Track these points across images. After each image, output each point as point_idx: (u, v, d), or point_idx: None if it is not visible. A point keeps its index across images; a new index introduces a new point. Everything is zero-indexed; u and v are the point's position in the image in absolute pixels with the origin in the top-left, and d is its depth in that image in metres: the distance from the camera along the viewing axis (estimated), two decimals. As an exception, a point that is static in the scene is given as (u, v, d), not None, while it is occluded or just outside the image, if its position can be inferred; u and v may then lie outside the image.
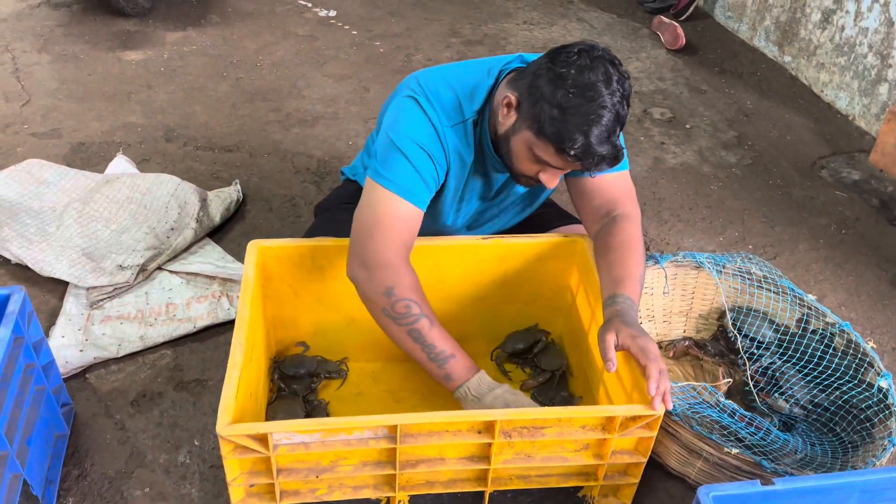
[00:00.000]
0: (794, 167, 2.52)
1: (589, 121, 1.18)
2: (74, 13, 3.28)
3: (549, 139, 1.22)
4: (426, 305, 1.29)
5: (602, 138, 1.19)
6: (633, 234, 1.39)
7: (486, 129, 1.38)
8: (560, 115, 1.19)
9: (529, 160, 1.29)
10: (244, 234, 2.11)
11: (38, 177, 2.07)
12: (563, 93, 1.19)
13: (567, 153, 1.20)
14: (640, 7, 3.65)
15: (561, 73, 1.20)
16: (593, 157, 1.21)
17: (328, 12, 3.43)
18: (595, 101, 1.18)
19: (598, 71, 1.19)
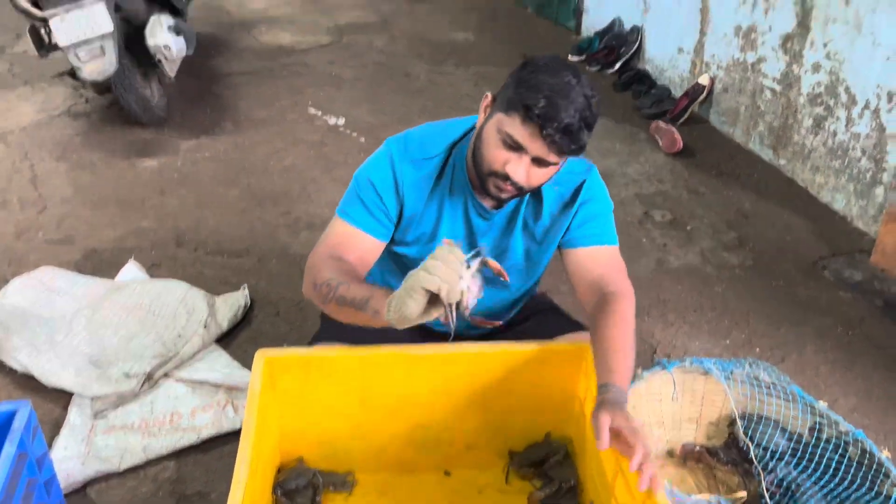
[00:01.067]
0: (796, 267, 2.54)
1: (555, 86, 1.23)
2: (93, 122, 3.41)
3: (515, 106, 1.25)
4: (342, 274, 1.33)
5: (567, 107, 1.22)
6: (627, 315, 1.41)
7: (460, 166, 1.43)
8: (526, 83, 1.25)
9: (497, 145, 1.30)
10: (251, 340, 2.12)
11: (50, 284, 2.10)
12: (529, 69, 1.27)
13: (531, 115, 1.23)
14: (637, 112, 3.79)
15: (528, 65, 1.29)
16: (558, 121, 1.22)
17: (337, 120, 3.56)
18: (561, 77, 1.25)
19: (565, 66, 1.29)
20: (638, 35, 4.17)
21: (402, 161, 1.42)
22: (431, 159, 1.43)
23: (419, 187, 1.44)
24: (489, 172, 1.33)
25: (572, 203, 1.48)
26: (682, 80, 3.81)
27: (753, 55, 3.26)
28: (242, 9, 5.43)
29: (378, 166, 1.43)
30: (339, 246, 1.42)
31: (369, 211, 1.43)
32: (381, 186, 1.42)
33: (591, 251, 1.48)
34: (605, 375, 1.32)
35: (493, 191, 1.35)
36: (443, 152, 1.43)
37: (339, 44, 4.71)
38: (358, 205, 1.43)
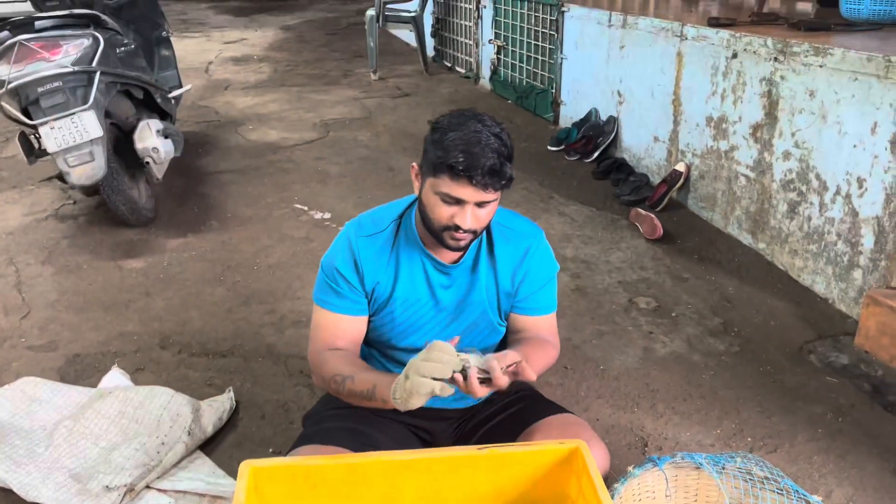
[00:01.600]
0: (783, 353, 2.55)
1: (467, 138, 1.37)
2: (80, 224, 3.44)
3: (441, 169, 1.38)
4: (347, 367, 1.50)
5: (484, 152, 1.36)
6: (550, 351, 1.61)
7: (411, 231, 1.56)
8: (441, 146, 1.39)
9: (439, 205, 1.43)
10: (236, 445, 2.08)
11: (32, 395, 2.07)
12: (440, 131, 1.41)
13: (457, 171, 1.36)
14: (617, 199, 3.87)
15: (438, 123, 1.45)
16: (480, 167, 1.36)
17: (323, 215, 3.62)
18: (469, 127, 1.39)
19: (465, 115, 1.43)
20: (614, 125, 4.31)
21: (358, 238, 1.56)
22: (383, 231, 1.57)
23: (376, 258, 1.56)
24: (441, 229, 1.46)
25: (520, 264, 1.62)
26: (659, 167, 3.92)
27: (726, 143, 3.38)
28: (230, 108, 5.59)
29: (339, 251, 1.58)
30: (330, 336, 1.57)
31: (342, 296, 1.56)
32: (344, 270, 1.56)
33: (534, 319, 1.65)
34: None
35: (452, 243, 1.48)
36: (392, 222, 1.58)
37: (325, 139, 4.83)
38: (331, 293, 1.57)
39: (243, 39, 9.09)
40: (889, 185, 2.52)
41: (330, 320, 1.58)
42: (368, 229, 1.58)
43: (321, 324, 1.59)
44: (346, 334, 1.58)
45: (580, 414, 2.20)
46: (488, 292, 1.63)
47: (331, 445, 1.54)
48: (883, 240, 2.57)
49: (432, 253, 1.57)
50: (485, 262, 1.62)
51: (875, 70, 2.51)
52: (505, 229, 1.63)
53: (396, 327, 1.62)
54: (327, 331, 1.58)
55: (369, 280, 1.57)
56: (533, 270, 1.64)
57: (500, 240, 1.62)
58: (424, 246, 1.56)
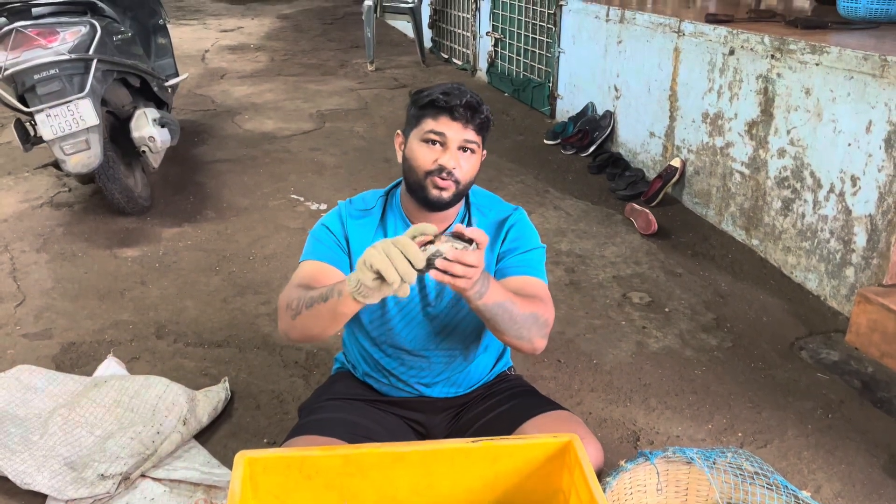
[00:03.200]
0: (774, 349, 2.57)
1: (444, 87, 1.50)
2: (76, 212, 3.43)
3: (422, 113, 1.50)
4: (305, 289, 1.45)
5: (461, 91, 1.48)
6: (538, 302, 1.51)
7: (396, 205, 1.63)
8: (420, 95, 1.52)
9: (424, 151, 1.49)
10: (231, 435, 2.09)
11: (27, 383, 2.07)
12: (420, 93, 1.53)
13: (437, 104, 1.47)
14: (612, 194, 3.89)
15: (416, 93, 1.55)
16: (459, 101, 1.46)
17: (319, 206, 3.62)
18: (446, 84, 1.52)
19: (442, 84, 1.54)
20: (610, 120, 4.32)
21: (348, 214, 1.62)
22: (371, 208, 1.64)
23: (364, 230, 1.61)
24: (425, 174, 1.49)
25: (499, 230, 1.65)
26: (654, 162, 3.94)
27: (721, 140, 3.39)
28: (226, 97, 5.57)
29: (330, 219, 1.64)
30: (304, 279, 1.53)
31: (330, 248, 1.59)
32: (334, 229, 1.61)
33: (523, 279, 1.59)
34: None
35: (435, 192, 1.49)
36: (379, 198, 1.66)
37: (322, 130, 4.83)
38: (319, 246, 1.59)
39: (240, 28, 9.05)
40: (882, 184, 2.54)
41: (311, 268, 1.55)
42: (358, 205, 1.65)
43: (300, 274, 1.55)
44: (322, 278, 1.51)
45: (573, 407, 2.22)
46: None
47: (326, 436, 1.56)
48: (875, 238, 2.59)
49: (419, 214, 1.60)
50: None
51: (871, 69, 2.53)
52: (483, 207, 1.68)
53: (388, 312, 1.63)
54: (304, 278, 1.52)
55: (355, 249, 1.61)
56: (515, 238, 1.65)
57: (477, 214, 1.66)
58: (409, 219, 1.61)
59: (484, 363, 1.78)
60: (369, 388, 1.76)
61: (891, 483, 1.95)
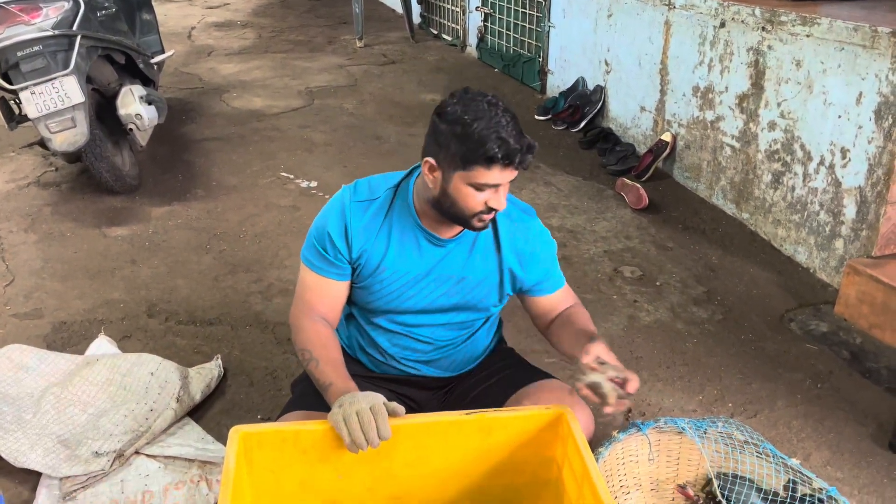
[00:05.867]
0: (764, 321, 2.59)
1: (493, 126, 1.38)
2: (63, 192, 3.40)
3: (475, 161, 1.39)
4: (317, 348, 1.55)
5: (513, 134, 1.38)
6: (580, 310, 1.67)
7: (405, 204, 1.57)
8: (469, 138, 1.38)
9: (472, 195, 1.44)
10: (224, 412, 2.09)
11: (18, 362, 2.06)
12: (461, 124, 1.39)
13: (495, 159, 1.38)
14: (603, 169, 3.88)
15: (449, 113, 1.42)
16: (516, 151, 1.38)
17: (309, 183, 3.60)
18: (487, 114, 1.39)
19: (475, 98, 1.42)
20: (601, 95, 4.30)
21: (351, 203, 1.57)
22: (377, 199, 1.58)
23: (367, 225, 1.57)
24: (472, 215, 1.47)
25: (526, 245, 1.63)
26: (645, 137, 3.93)
27: (712, 114, 3.39)
28: (214, 74, 5.51)
29: (331, 214, 1.58)
30: (313, 298, 1.61)
31: (328, 260, 1.58)
32: (335, 234, 1.56)
33: (548, 298, 1.68)
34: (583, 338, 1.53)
35: (480, 224, 1.50)
36: (387, 190, 1.58)
37: (311, 107, 4.79)
38: (318, 255, 1.58)
39: (226, 4, 8.93)
40: (872, 156, 2.54)
41: (314, 281, 1.60)
42: (363, 194, 1.58)
43: (306, 283, 1.61)
44: (328, 298, 1.61)
45: (565, 380, 2.23)
46: (488, 269, 1.62)
47: (319, 411, 1.56)
48: (865, 210, 2.60)
49: (427, 227, 1.56)
50: (486, 238, 1.61)
51: (861, 40, 2.52)
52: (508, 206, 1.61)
53: (384, 297, 1.63)
54: (311, 292, 1.61)
55: (357, 246, 1.57)
56: (541, 251, 1.64)
57: (502, 217, 1.61)
58: (420, 219, 1.56)
59: (481, 343, 1.79)
60: (362, 366, 1.76)
61: (879, 451, 1.98)
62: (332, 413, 1.43)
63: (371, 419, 1.39)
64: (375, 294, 1.63)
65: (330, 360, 1.55)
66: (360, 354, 1.76)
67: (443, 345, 1.71)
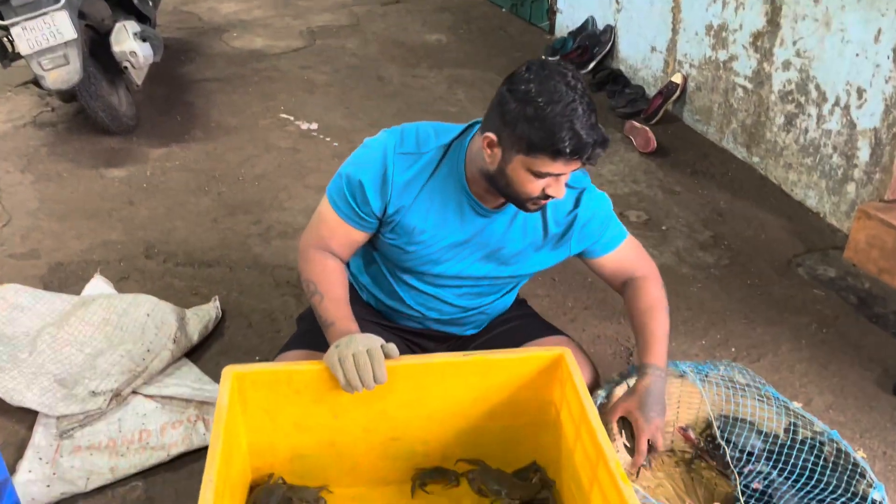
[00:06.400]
0: (771, 266, 2.55)
1: (568, 115, 1.26)
2: (59, 132, 3.34)
3: (541, 150, 1.29)
4: (323, 282, 1.50)
5: (587, 126, 1.27)
6: (655, 294, 1.60)
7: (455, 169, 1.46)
8: (541, 124, 1.27)
9: (532, 181, 1.35)
10: (222, 353, 2.08)
11: (13, 301, 2.04)
12: (532, 106, 1.28)
13: (563, 153, 1.28)
14: (612, 112, 3.78)
15: (522, 90, 1.29)
16: (587, 147, 1.28)
17: (310, 125, 3.52)
18: (564, 98, 1.27)
19: (553, 76, 1.29)
20: (611, 35, 4.17)
21: (396, 154, 1.45)
22: (424, 154, 1.47)
23: (409, 181, 1.47)
24: (528, 199, 1.39)
25: (574, 208, 1.54)
26: (655, 79, 3.82)
27: (725, 53, 3.27)
28: (213, 14, 5.37)
29: (370, 162, 1.46)
30: (328, 234, 1.53)
31: (355, 210, 1.49)
32: (369, 187, 1.45)
33: (612, 255, 1.61)
34: (642, 353, 1.56)
35: (533, 208, 1.43)
36: (435, 150, 1.47)
37: (312, 47, 4.66)
38: (345, 201, 1.49)
39: (226, -58, 8.66)
40: (889, 96, 2.45)
41: (333, 221, 1.52)
42: (409, 146, 1.46)
43: (324, 218, 1.53)
44: (345, 241, 1.54)
45: (567, 324, 2.21)
46: (528, 240, 1.54)
47: (320, 350, 1.51)
48: (879, 152, 2.53)
49: (475, 195, 1.47)
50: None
51: (884, -27, 2.40)
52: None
53: (417, 259, 1.56)
54: (327, 228, 1.53)
55: (394, 202, 1.47)
56: (589, 217, 1.55)
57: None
58: (468, 186, 1.46)
59: (506, 304, 1.75)
60: (372, 310, 1.72)
61: (882, 396, 1.96)
62: (328, 354, 1.41)
63: (367, 362, 1.37)
64: (409, 255, 1.55)
65: (335, 297, 1.51)
66: (373, 301, 1.72)
67: (469, 308, 1.67)
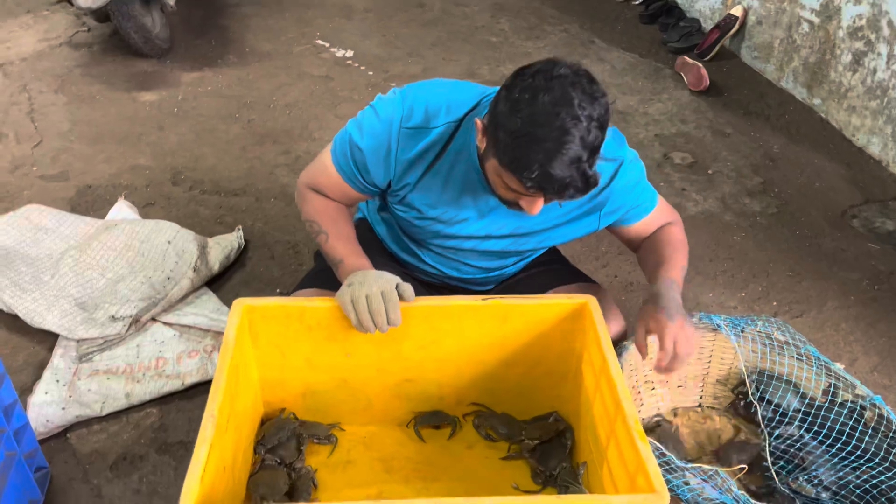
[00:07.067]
0: (824, 216, 2.39)
1: (546, 148, 1.11)
2: (94, 53, 3.30)
3: (509, 169, 1.16)
4: (326, 221, 1.44)
5: (563, 164, 1.11)
6: (676, 235, 1.47)
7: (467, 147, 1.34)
8: (514, 142, 1.14)
9: (502, 187, 1.25)
10: (244, 283, 2.05)
11: (37, 223, 2.04)
12: (516, 119, 1.13)
13: (525, 183, 1.15)
14: (664, 47, 3.57)
15: (515, 97, 1.14)
16: (555, 184, 1.13)
17: (345, 52, 3.41)
18: (552, 125, 1.10)
19: (554, 93, 1.11)
20: (668, -38, 3.90)
21: (402, 129, 1.34)
22: (432, 130, 1.34)
23: (415, 160, 1.36)
24: (502, 200, 1.30)
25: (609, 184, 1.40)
26: (713, 11, 3.57)
27: (791, -16, 3.02)
28: (254, -66, 5.19)
29: (375, 133, 1.36)
30: (325, 185, 1.47)
31: (356, 174, 1.42)
32: (371, 160, 1.37)
33: (641, 224, 1.49)
34: (652, 274, 1.40)
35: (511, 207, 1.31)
36: (445, 125, 1.34)
37: (353, -29, 4.49)
38: (348, 161, 1.41)
39: None
40: (973, 34, 2.23)
41: (333, 175, 1.45)
42: (417, 119, 1.34)
43: (326, 169, 1.45)
44: (341, 196, 1.48)
45: (598, 270, 2.12)
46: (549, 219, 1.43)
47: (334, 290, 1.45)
48: (955, 97, 2.32)
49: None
50: None
51: None
52: None
53: (430, 232, 1.48)
54: (326, 178, 1.46)
55: (399, 178, 1.38)
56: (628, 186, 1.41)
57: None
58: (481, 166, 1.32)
59: (524, 265, 1.65)
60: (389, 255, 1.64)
61: (934, 360, 1.83)
62: (340, 292, 1.35)
63: (381, 304, 1.31)
64: (420, 229, 1.48)
65: (341, 234, 1.45)
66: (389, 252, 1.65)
67: (491, 269, 1.58)
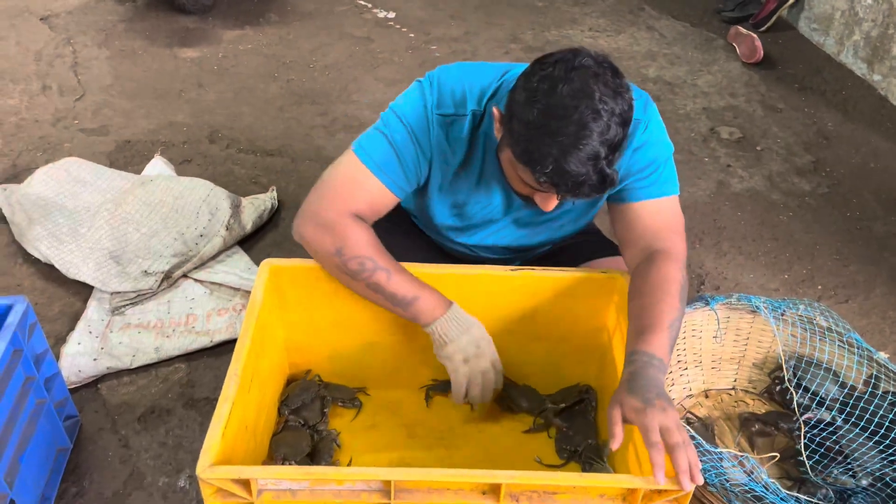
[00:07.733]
0: (877, 199, 2.29)
1: (561, 142, 1.04)
2: (138, 8, 3.30)
3: (523, 162, 1.10)
4: (382, 256, 1.26)
5: (579, 160, 1.04)
6: (671, 274, 1.22)
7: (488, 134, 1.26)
8: (528, 135, 1.07)
9: (517, 180, 1.18)
10: (275, 244, 2.05)
11: (76, 175, 2.05)
12: (532, 110, 1.07)
13: (538, 178, 1.08)
14: (717, 16, 3.43)
15: (533, 87, 1.08)
16: (568, 182, 1.07)
17: (387, 13, 3.36)
18: (568, 118, 1.04)
19: (574, 84, 1.05)
20: (727, -73, 3.73)
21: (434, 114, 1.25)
22: (460, 117, 1.26)
23: (447, 147, 1.28)
24: (516, 192, 1.24)
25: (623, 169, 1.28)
26: (771, -20, 3.41)
27: (857, -48, 2.87)
28: None
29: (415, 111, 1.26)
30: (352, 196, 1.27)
31: (402, 167, 1.26)
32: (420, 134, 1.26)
33: (644, 205, 1.28)
34: (633, 340, 1.16)
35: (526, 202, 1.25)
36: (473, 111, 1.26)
37: (399, -69, 4.40)
38: (389, 156, 1.25)
39: None
40: None
41: (364, 180, 1.26)
42: (447, 106, 1.26)
43: (348, 177, 1.27)
44: (375, 206, 1.29)
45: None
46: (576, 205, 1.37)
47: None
48: None
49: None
50: None
51: None
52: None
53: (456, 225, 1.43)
54: (366, 193, 1.27)
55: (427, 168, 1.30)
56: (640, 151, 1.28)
57: None
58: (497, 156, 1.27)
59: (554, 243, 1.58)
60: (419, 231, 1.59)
61: None
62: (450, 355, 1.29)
63: (492, 381, 1.31)
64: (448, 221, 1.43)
65: (401, 268, 1.28)
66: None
67: (521, 248, 1.51)
